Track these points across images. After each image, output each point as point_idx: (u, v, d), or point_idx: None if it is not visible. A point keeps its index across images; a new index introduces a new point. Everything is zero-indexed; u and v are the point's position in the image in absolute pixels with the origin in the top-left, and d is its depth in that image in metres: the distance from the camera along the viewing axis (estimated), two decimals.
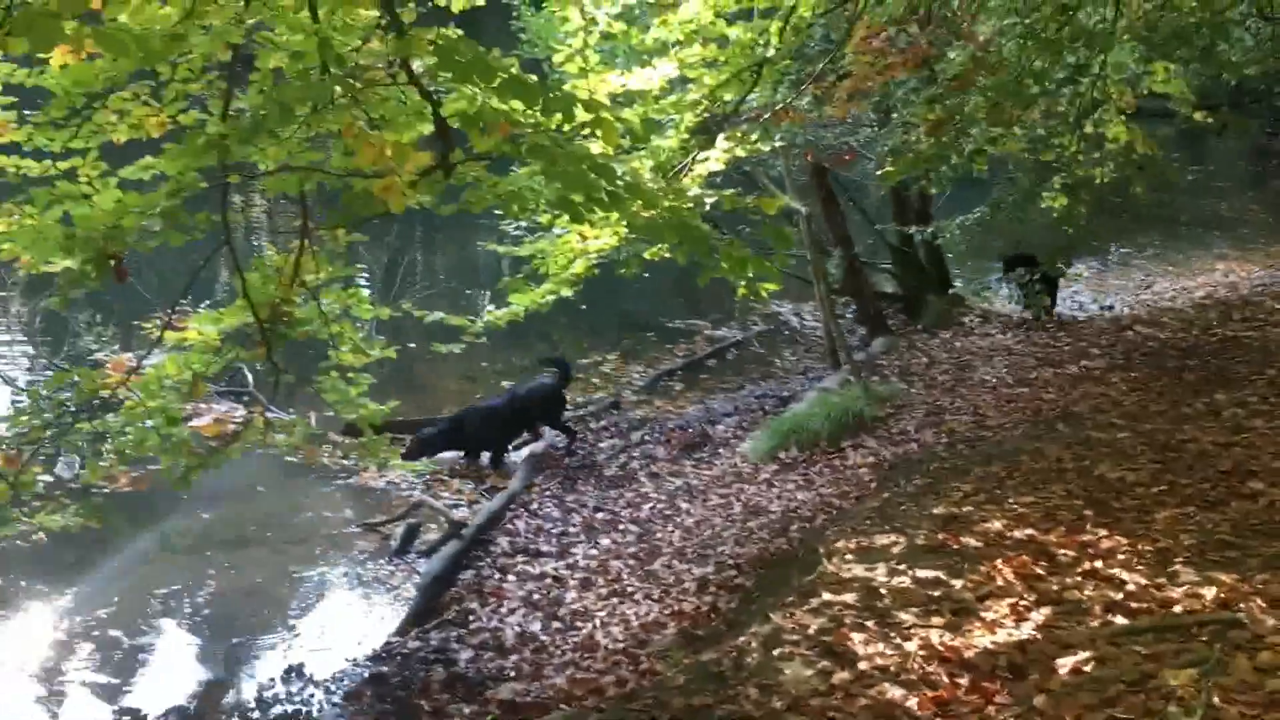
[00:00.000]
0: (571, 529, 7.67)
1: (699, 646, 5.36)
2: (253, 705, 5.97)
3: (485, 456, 9.25)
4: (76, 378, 5.07)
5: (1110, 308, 12.05)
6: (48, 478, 6.49)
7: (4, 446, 5.01)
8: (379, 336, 8.78)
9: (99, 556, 7.37)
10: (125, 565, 7.37)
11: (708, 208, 5.02)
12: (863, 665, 4.09)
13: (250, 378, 9.73)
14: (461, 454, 9.24)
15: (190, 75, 4.52)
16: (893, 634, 4.33)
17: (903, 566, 5.01)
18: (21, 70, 4.43)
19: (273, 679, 6.14)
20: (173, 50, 3.52)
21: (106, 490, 6.24)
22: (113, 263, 4.00)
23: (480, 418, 9.16)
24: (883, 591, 4.79)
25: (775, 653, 4.35)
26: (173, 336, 5.48)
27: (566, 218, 5.57)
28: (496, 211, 6.09)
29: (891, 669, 4.03)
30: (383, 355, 6.33)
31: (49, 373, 10.22)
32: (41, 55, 4.06)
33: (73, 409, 5.17)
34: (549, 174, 4.10)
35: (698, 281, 4.50)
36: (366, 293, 6.41)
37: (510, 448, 9.38)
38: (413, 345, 10.64)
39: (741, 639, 4.71)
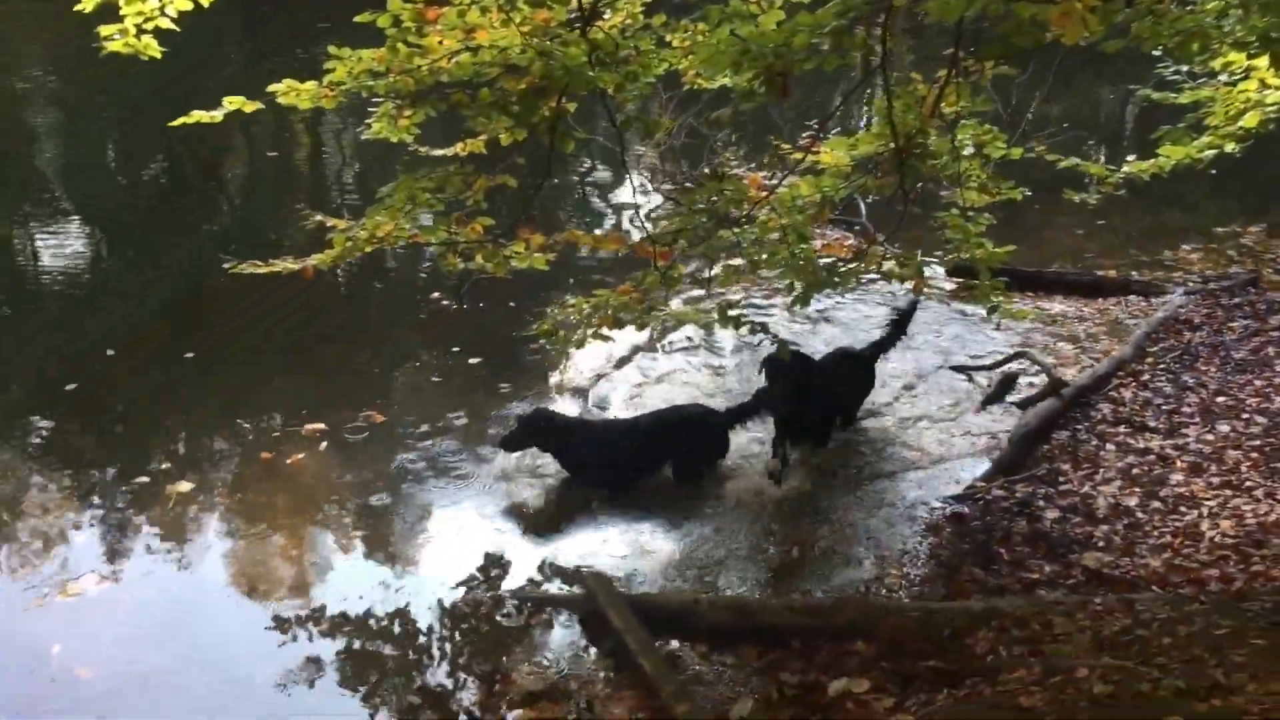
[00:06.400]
0: (1185, 408, 7.03)
1: None
2: None
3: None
4: (726, 190, 5.47)
5: None
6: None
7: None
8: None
9: None
10: None
11: None
12: None
13: (863, 209, 9.94)
14: None
15: None
16: None
17: None
18: None
19: None
20: None
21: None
22: (779, 79, 4.20)
23: None
24: None
25: None
26: (808, 159, 5.73)
27: (1257, 60, 4.94)
28: (1155, 52, 5.52)
29: None
30: (1008, 196, 6.13)
31: (688, 184, 11.22)
32: None
33: (716, 218, 5.61)
34: (1252, 4, 3.60)
35: None
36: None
37: None
38: (1028, 192, 10.17)
39: None
